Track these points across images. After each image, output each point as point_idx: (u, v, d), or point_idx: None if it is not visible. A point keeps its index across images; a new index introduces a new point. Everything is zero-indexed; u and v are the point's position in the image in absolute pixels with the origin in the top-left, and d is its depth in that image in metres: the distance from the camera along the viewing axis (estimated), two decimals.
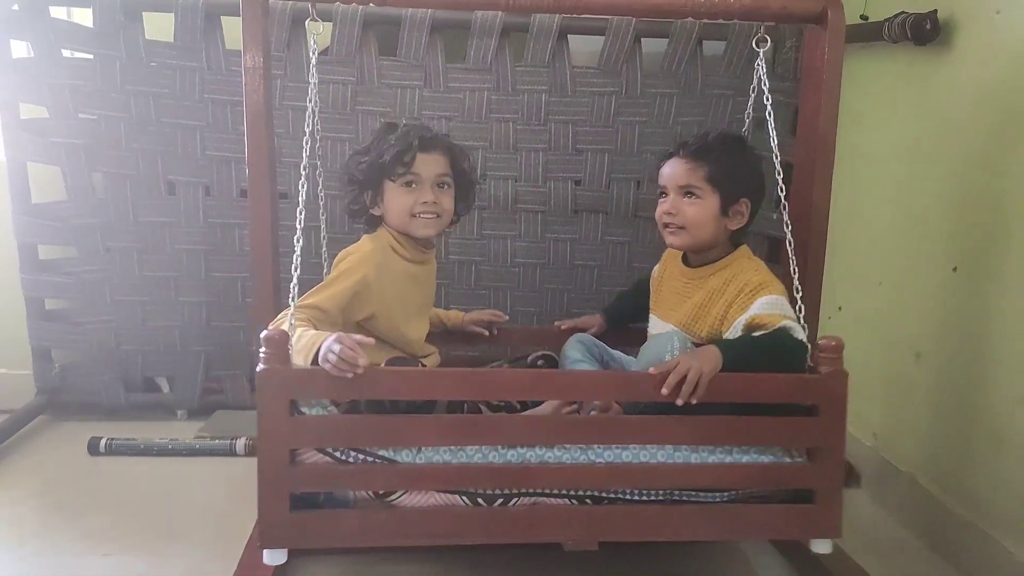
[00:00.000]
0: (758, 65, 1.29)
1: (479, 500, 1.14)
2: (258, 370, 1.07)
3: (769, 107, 1.23)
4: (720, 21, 1.80)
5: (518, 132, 1.94)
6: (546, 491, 1.14)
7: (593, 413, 1.24)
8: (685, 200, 1.27)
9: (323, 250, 1.52)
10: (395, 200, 1.33)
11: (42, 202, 1.92)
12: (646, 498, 1.15)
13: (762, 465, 1.16)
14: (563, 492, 1.15)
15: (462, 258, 1.99)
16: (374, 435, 1.11)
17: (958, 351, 1.47)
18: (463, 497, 1.13)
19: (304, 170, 1.16)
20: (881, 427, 1.70)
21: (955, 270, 1.48)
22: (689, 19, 1.83)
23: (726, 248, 1.31)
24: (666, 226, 1.30)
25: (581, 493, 1.15)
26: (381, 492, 1.13)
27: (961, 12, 1.48)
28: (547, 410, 1.27)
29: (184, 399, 2.02)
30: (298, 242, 1.14)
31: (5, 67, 1.85)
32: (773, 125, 1.23)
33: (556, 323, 1.59)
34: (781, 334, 1.15)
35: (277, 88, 1.86)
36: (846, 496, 1.65)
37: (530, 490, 1.14)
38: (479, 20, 1.87)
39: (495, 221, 1.98)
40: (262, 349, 1.07)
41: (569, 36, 1.91)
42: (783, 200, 1.24)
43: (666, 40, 1.91)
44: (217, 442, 1.82)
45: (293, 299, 1.14)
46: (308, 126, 1.18)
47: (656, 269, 1.47)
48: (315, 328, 1.17)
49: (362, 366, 1.06)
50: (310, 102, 1.19)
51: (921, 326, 1.58)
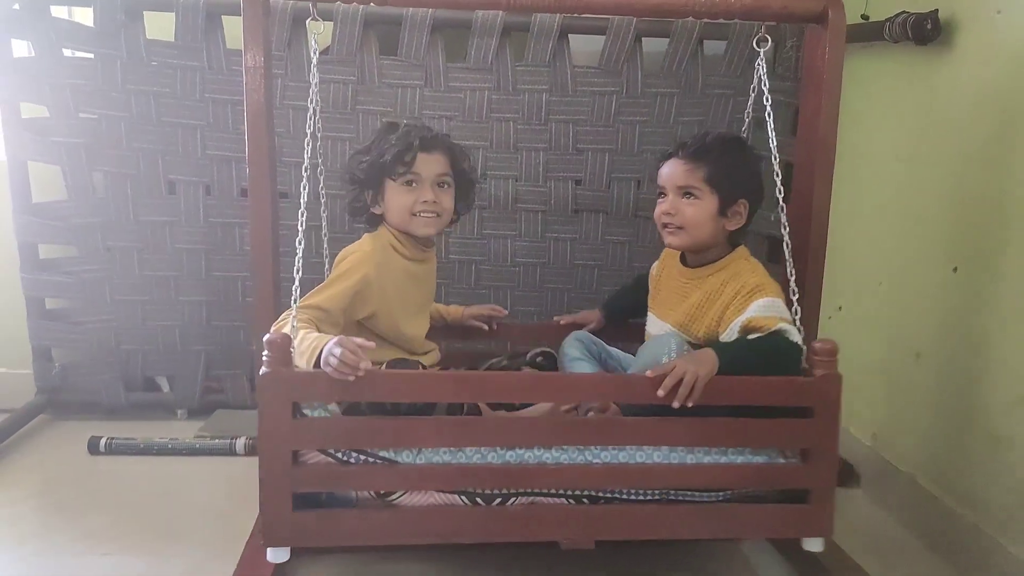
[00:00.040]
0: (758, 65, 1.29)
1: (478, 500, 1.14)
2: (261, 373, 1.08)
3: (768, 107, 1.23)
4: (721, 21, 1.80)
5: (518, 132, 1.94)
6: (543, 491, 1.15)
7: (591, 414, 1.24)
8: (684, 200, 1.28)
9: (324, 249, 1.52)
10: (395, 199, 1.34)
11: (42, 201, 1.92)
12: (642, 498, 1.16)
13: (756, 465, 1.17)
14: (560, 492, 1.15)
15: (462, 257, 1.99)
16: (375, 436, 1.12)
17: (958, 351, 1.47)
18: (462, 497, 1.14)
19: (306, 171, 1.16)
20: (881, 427, 1.70)
21: (955, 270, 1.48)
22: (690, 19, 1.84)
23: (724, 249, 1.31)
24: (665, 226, 1.31)
25: (578, 493, 1.15)
26: (382, 492, 1.14)
27: (962, 12, 1.48)
28: (543, 408, 1.28)
29: (184, 398, 2.03)
30: (300, 244, 1.14)
31: (6, 66, 1.85)
32: (772, 125, 1.23)
33: (555, 318, 1.60)
34: (776, 337, 1.16)
35: (278, 87, 1.87)
36: (846, 496, 1.68)
37: (528, 490, 1.14)
38: (480, 20, 1.87)
39: (495, 220, 1.98)
40: (265, 352, 1.08)
41: (570, 36, 1.91)
42: (780, 202, 1.24)
43: (667, 40, 1.90)
44: (217, 441, 1.82)
45: (295, 300, 1.15)
46: (309, 127, 1.18)
47: (655, 266, 1.47)
48: (317, 328, 1.19)
49: (363, 369, 1.06)
50: (311, 102, 1.19)
51: (921, 326, 1.58)
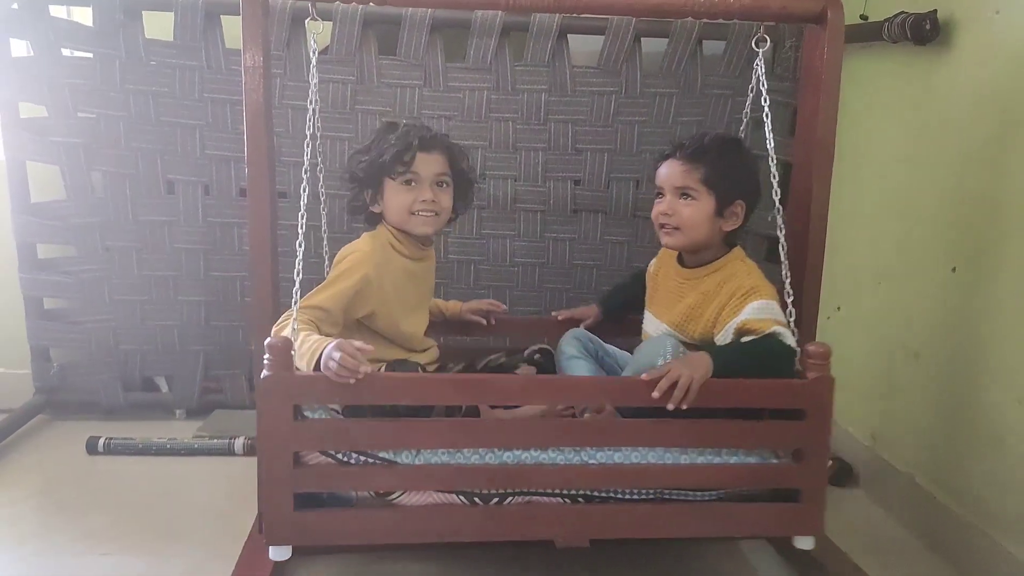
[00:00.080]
0: (757, 65, 1.28)
1: (476, 499, 1.15)
2: (262, 376, 1.09)
3: (767, 107, 1.23)
4: (720, 21, 1.80)
5: (518, 131, 1.94)
6: (540, 491, 1.16)
7: (587, 415, 1.25)
8: (681, 201, 1.28)
9: (324, 249, 1.52)
10: (394, 198, 1.34)
11: (41, 201, 1.92)
12: (637, 497, 1.17)
13: (749, 466, 1.18)
14: (556, 492, 1.16)
15: (462, 257, 1.99)
16: (375, 438, 1.13)
17: (957, 351, 1.47)
18: (460, 496, 1.15)
19: (305, 171, 1.16)
20: (880, 427, 1.70)
21: (954, 270, 1.48)
22: (689, 19, 1.83)
23: (721, 249, 1.32)
24: (662, 226, 1.31)
25: (574, 492, 1.16)
26: (382, 492, 1.15)
27: (961, 12, 1.48)
28: (535, 407, 1.30)
29: (183, 398, 2.02)
30: (300, 244, 1.14)
31: (5, 66, 1.85)
32: (771, 125, 1.23)
33: (553, 313, 1.60)
34: (771, 340, 1.17)
35: (277, 87, 1.86)
36: (845, 496, 1.68)
37: (525, 490, 1.15)
38: (479, 20, 1.87)
39: (494, 220, 1.98)
40: (266, 356, 1.09)
41: (569, 36, 1.91)
42: (776, 203, 1.24)
43: (666, 40, 1.91)
44: (216, 441, 1.82)
45: (295, 300, 1.15)
46: (308, 127, 1.18)
47: (652, 264, 1.48)
48: (318, 328, 1.19)
49: (363, 372, 1.07)
50: (310, 102, 1.19)
51: (920, 326, 1.58)
